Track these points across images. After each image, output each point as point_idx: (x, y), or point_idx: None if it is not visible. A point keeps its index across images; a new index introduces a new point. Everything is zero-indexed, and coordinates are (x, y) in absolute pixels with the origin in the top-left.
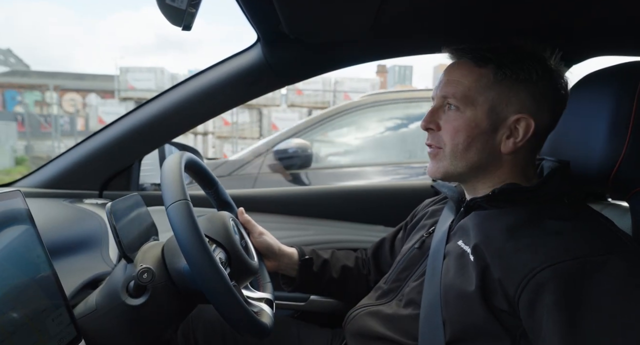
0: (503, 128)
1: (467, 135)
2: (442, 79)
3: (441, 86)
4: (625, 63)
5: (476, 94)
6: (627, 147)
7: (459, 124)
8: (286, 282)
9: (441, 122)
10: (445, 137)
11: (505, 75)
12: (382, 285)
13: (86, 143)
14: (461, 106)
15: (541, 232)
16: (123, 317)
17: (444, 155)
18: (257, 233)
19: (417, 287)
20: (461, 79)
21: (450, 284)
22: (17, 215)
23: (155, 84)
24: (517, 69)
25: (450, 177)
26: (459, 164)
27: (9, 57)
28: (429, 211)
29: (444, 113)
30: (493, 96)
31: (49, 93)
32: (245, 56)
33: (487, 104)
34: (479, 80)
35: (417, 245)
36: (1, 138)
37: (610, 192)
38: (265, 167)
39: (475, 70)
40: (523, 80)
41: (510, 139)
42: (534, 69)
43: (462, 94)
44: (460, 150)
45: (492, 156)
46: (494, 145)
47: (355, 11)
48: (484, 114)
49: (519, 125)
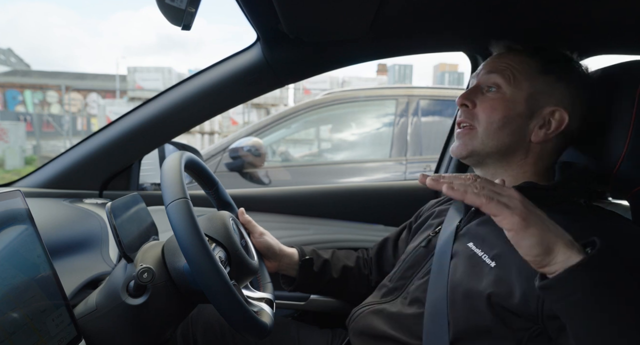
0: (538, 117)
1: (503, 115)
2: (489, 62)
3: (487, 68)
4: (626, 62)
5: (522, 78)
6: (628, 146)
7: (498, 103)
8: (286, 281)
9: (477, 101)
10: (480, 115)
11: (552, 70)
12: (386, 283)
13: (86, 143)
14: (504, 85)
15: None
16: (123, 317)
17: (476, 135)
18: (258, 233)
19: (423, 285)
20: (511, 62)
21: (458, 284)
22: (17, 215)
23: (162, 84)
24: (565, 67)
25: (476, 155)
26: (489, 143)
27: (10, 57)
28: (436, 211)
29: (482, 94)
30: (537, 84)
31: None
32: (245, 55)
33: (530, 90)
34: (528, 67)
35: (424, 244)
36: (10, 138)
37: (611, 191)
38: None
39: (525, 58)
40: (566, 79)
41: (542, 129)
42: (576, 71)
43: (509, 74)
44: (494, 129)
45: (522, 142)
46: (526, 131)
47: (355, 10)
48: (523, 98)
49: (553, 117)
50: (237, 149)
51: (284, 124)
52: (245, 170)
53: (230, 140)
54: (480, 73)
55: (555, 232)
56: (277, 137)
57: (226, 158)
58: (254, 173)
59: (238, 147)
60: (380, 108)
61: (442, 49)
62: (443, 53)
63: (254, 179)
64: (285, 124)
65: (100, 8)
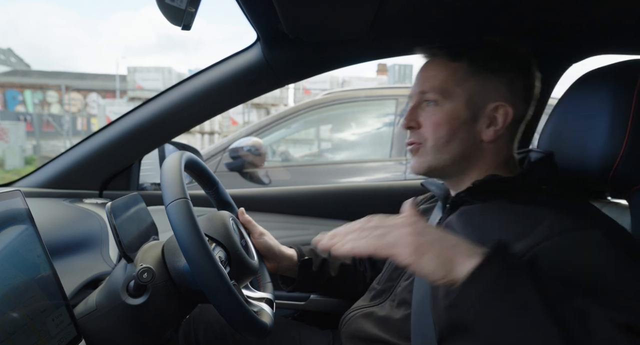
0: (483, 117)
1: (449, 128)
2: (418, 76)
3: (418, 83)
4: (624, 61)
5: (453, 86)
6: (626, 145)
7: (440, 117)
8: (285, 282)
9: (421, 119)
10: (426, 133)
11: (479, 67)
12: (375, 285)
13: (86, 143)
14: (440, 99)
15: (528, 221)
16: (123, 316)
17: (426, 150)
18: (258, 233)
19: (408, 287)
20: (437, 73)
21: None
22: (17, 215)
23: (162, 84)
24: (490, 60)
25: (434, 171)
26: (442, 157)
27: (10, 57)
28: (420, 210)
29: (422, 110)
30: (470, 87)
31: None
32: (245, 55)
33: (465, 95)
34: (454, 73)
35: None
36: (10, 138)
37: (610, 190)
38: (222, 166)
39: (450, 64)
40: (496, 71)
41: (491, 127)
42: (505, 59)
43: (439, 87)
44: (443, 143)
45: (475, 146)
46: (475, 134)
47: (355, 10)
48: (462, 105)
49: (497, 113)
50: (237, 148)
51: (284, 124)
52: (245, 170)
53: (230, 140)
54: (415, 90)
55: (453, 247)
56: (278, 137)
57: (226, 158)
58: (254, 173)
59: (238, 147)
60: (381, 108)
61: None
62: None
63: (254, 179)
64: (285, 124)
65: (100, 8)
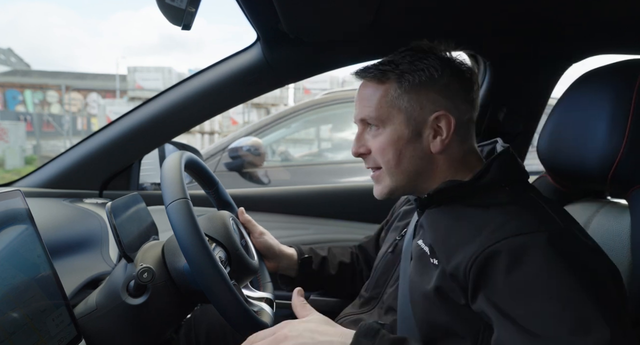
0: (426, 130)
1: (394, 149)
2: (356, 102)
3: (357, 109)
4: (623, 61)
5: (389, 108)
6: (625, 144)
7: (383, 141)
8: (284, 281)
9: (369, 143)
10: (377, 158)
11: (408, 83)
12: (363, 293)
13: (86, 143)
14: (379, 124)
15: (478, 221)
16: (123, 316)
17: (384, 175)
18: (258, 233)
19: (394, 293)
20: (370, 98)
21: (414, 285)
22: (17, 215)
23: (162, 84)
24: (417, 72)
25: (395, 192)
26: (398, 177)
27: (10, 57)
28: (401, 212)
29: (368, 134)
30: (405, 105)
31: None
32: (245, 55)
33: (402, 115)
34: (385, 95)
35: (391, 249)
36: (10, 138)
37: (610, 190)
38: (221, 166)
39: (379, 87)
40: (427, 81)
41: (437, 137)
42: (432, 67)
43: (375, 114)
44: (394, 165)
45: (426, 160)
46: (423, 149)
47: (354, 10)
48: (402, 125)
49: (440, 123)
50: (237, 148)
51: (283, 124)
52: (245, 170)
53: (230, 140)
54: (356, 117)
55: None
56: (277, 136)
57: (225, 158)
58: (254, 173)
59: (237, 146)
60: None
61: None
62: None
63: (253, 179)
64: (284, 123)
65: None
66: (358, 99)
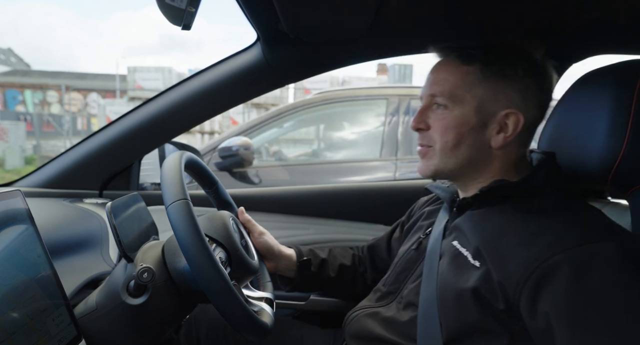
0: (493, 123)
1: (456, 133)
2: (429, 78)
3: (428, 85)
4: (624, 61)
5: (463, 91)
6: (626, 145)
7: (448, 122)
8: (284, 282)
9: (430, 121)
10: (434, 136)
11: (491, 72)
12: (380, 287)
13: (86, 143)
14: (449, 104)
15: (533, 227)
16: (123, 316)
17: (434, 153)
18: (258, 233)
19: (415, 289)
20: (448, 77)
21: (446, 284)
22: (17, 215)
23: (162, 84)
24: (504, 65)
25: (440, 174)
26: (449, 161)
27: (10, 57)
28: (425, 212)
29: (432, 112)
30: (481, 93)
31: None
32: (245, 55)
33: (475, 101)
34: (465, 78)
35: (415, 246)
36: (10, 138)
37: (610, 190)
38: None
39: (461, 68)
40: (509, 77)
41: (501, 134)
42: (519, 65)
43: (449, 92)
44: (450, 148)
45: (483, 151)
46: (483, 140)
47: (354, 10)
48: (472, 110)
49: (508, 120)
50: (226, 148)
51: (275, 124)
52: (235, 169)
53: (220, 139)
54: (425, 91)
55: None
56: (268, 136)
57: (215, 158)
58: (244, 172)
59: (227, 146)
60: (372, 108)
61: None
62: None
63: (243, 179)
64: (276, 123)
65: (100, 8)
66: (432, 77)
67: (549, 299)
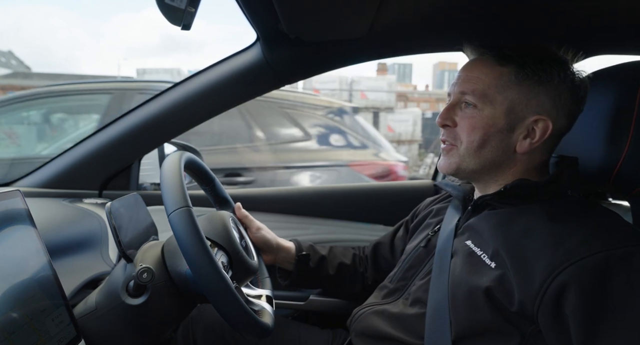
0: (520, 128)
1: (483, 133)
2: (461, 75)
3: (459, 82)
4: (627, 63)
5: (495, 92)
6: (628, 146)
7: (476, 121)
8: (282, 275)
9: (457, 118)
10: (461, 134)
11: (526, 76)
12: (387, 284)
13: (86, 142)
14: (479, 104)
15: (558, 230)
16: (123, 316)
17: (457, 152)
18: (255, 228)
19: (424, 286)
20: (481, 76)
21: (458, 282)
22: (17, 215)
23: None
24: (539, 70)
25: (462, 173)
26: (472, 161)
27: (11, 59)
28: (434, 210)
29: (460, 110)
30: (513, 96)
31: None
32: (245, 55)
33: (506, 104)
34: (499, 78)
35: (423, 243)
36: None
37: (612, 192)
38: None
39: (496, 68)
40: (544, 82)
41: (527, 139)
42: (555, 71)
43: (481, 92)
44: (475, 148)
45: (507, 155)
46: (509, 144)
47: (355, 10)
48: (502, 113)
49: (536, 126)
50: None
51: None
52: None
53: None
54: (455, 88)
55: None
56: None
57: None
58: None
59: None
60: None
61: (442, 49)
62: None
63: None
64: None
65: (101, 9)
66: (464, 74)
67: (572, 302)
